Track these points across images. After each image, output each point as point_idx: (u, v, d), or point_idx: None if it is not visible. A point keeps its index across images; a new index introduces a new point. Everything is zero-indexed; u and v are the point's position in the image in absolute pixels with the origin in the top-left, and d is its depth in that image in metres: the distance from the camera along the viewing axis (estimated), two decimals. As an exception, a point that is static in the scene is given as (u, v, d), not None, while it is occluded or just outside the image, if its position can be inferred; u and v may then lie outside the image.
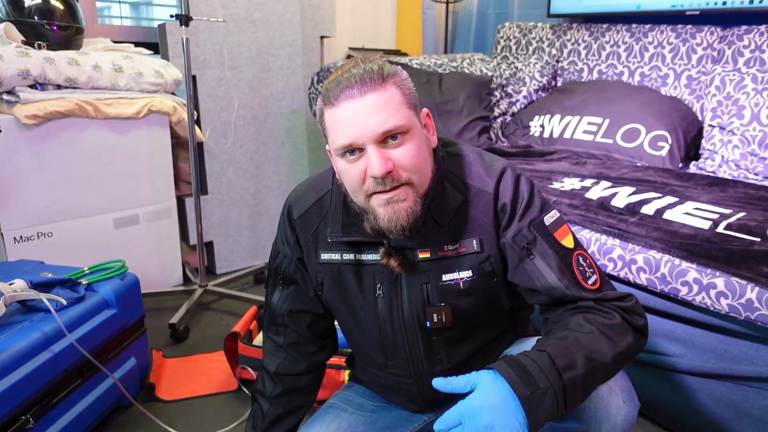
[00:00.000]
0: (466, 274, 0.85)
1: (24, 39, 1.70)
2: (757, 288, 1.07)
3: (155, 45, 2.19)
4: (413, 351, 0.91)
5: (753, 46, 1.85)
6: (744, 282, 1.09)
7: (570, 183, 1.60)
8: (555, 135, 2.07)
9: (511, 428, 0.65)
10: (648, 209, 1.36)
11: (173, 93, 2.02)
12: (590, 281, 0.82)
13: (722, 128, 1.80)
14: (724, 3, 1.96)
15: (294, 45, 2.41)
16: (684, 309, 1.24)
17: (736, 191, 1.50)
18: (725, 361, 1.18)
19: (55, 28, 1.77)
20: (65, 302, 1.23)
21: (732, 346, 1.18)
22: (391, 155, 0.76)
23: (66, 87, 1.72)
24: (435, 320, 0.86)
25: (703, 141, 1.87)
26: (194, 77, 2.13)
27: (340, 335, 1.09)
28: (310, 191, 0.93)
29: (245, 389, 1.52)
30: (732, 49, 1.90)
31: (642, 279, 1.27)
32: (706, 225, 1.25)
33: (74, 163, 1.79)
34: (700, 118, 1.95)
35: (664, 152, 1.83)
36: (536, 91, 2.35)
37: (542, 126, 2.13)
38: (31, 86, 1.66)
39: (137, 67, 1.87)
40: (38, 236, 1.74)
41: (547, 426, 0.79)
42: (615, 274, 1.33)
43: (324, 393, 1.30)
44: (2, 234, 1.67)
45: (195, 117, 2.04)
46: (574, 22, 2.45)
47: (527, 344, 0.90)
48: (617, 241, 1.32)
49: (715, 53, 1.96)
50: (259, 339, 1.62)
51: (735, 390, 1.18)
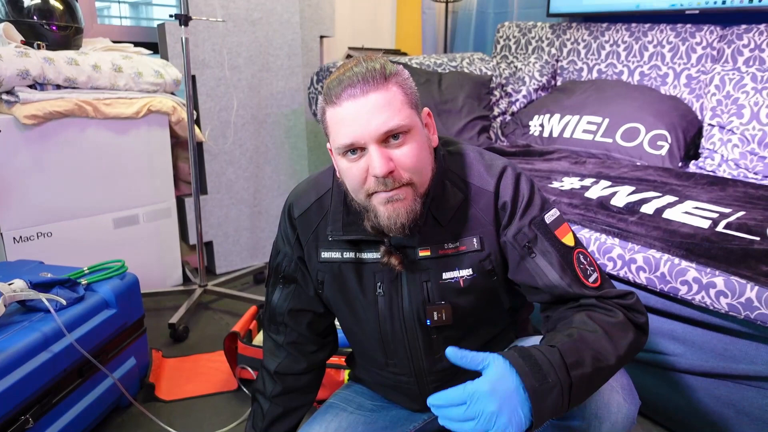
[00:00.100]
0: (467, 273, 0.86)
1: (23, 39, 1.70)
2: (757, 287, 1.07)
3: (155, 45, 2.19)
4: (413, 349, 0.91)
5: (752, 45, 1.85)
6: (743, 281, 1.09)
7: (569, 182, 1.60)
8: (554, 134, 2.07)
9: (517, 420, 0.64)
10: (647, 208, 1.36)
11: (173, 93, 2.02)
12: (591, 279, 0.82)
13: (722, 127, 1.80)
14: (724, 2, 1.96)
15: (293, 45, 2.41)
16: (683, 308, 1.24)
17: (736, 190, 1.50)
18: (725, 360, 1.18)
19: (55, 28, 1.76)
20: (65, 302, 1.23)
21: (731, 345, 1.18)
22: (393, 155, 0.76)
23: (65, 87, 1.72)
24: (435, 318, 0.86)
25: (703, 140, 1.87)
26: (194, 77, 2.13)
27: (341, 334, 1.09)
28: (311, 190, 0.93)
29: (245, 389, 1.52)
30: (731, 48, 1.90)
31: (641, 278, 1.27)
32: (706, 224, 1.25)
33: (74, 163, 1.78)
34: (700, 117, 1.95)
35: (664, 151, 1.83)
36: (536, 91, 2.35)
37: (542, 125, 2.13)
38: (31, 86, 1.66)
39: (137, 67, 1.87)
40: (38, 236, 1.74)
41: (548, 424, 0.79)
42: (615, 274, 1.33)
43: (324, 392, 1.30)
44: (2, 234, 1.67)
45: (194, 117, 2.04)
46: (574, 22, 2.45)
47: (527, 343, 0.89)
48: (617, 241, 1.32)
49: (715, 52, 1.96)
50: (259, 339, 1.62)
51: (734, 389, 1.18)
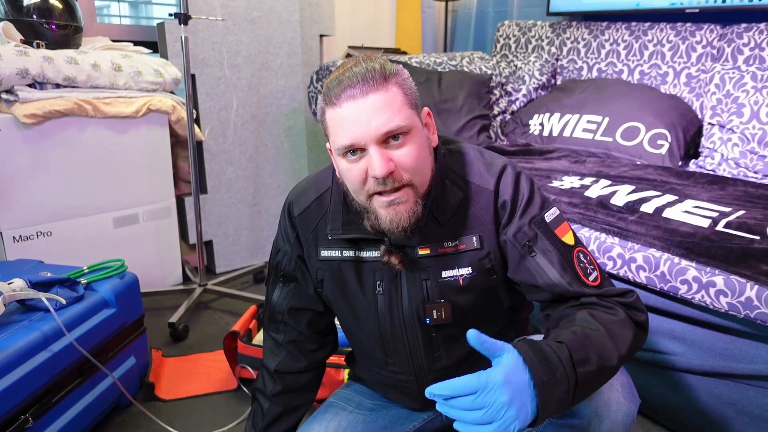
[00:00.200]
0: (466, 271, 0.86)
1: (23, 38, 1.70)
2: (757, 286, 1.07)
3: (154, 44, 2.19)
4: (413, 348, 0.91)
5: (752, 44, 1.85)
6: (743, 280, 1.09)
7: (569, 181, 1.60)
8: (554, 133, 2.07)
9: (524, 414, 0.63)
10: (647, 207, 1.36)
11: (172, 92, 2.02)
12: (591, 278, 0.82)
13: (722, 126, 1.79)
14: (724, 1, 1.95)
15: (293, 44, 2.40)
16: (683, 307, 1.24)
17: (736, 189, 1.50)
18: (724, 360, 1.18)
19: (54, 27, 1.76)
20: (64, 301, 1.23)
21: (731, 345, 1.18)
22: (393, 156, 0.76)
23: (65, 86, 1.72)
24: (435, 317, 0.86)
25: (703, 139, 1.87)
26: (193, 76, 2.13)
27: (341, 333, 1.09)
28: (311, 189, 0.93)
29: (245, 388, 1.52)
30: (731, 47, 1.90)
31: (641, 277, 1.27)
32: (706, 223, 1.25)
33: (73, 162, 1.78)
34: (700, 116, 1.95)
35: (664, 150, 1.83)
36: (536, 90, 2.35)
37: (542, 124, 2.13)
38: (30, 85, 1.66)
39: (136, 66, 1.86)
40: (37, 235, 1.74)
41: (548, 422, 0.79)
42: (614, 273, 1.33)
43: (323, 392, 1.30)
44: (1, 233, 1.67)
45: (194, 116, 2.04)
46: (574, 21, 2.45)
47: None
48: (617, 240, 1.32)
49: (715, 51, 1.96)
50: (259, 338, 1.62)
51: (734, 388, 1.18)
